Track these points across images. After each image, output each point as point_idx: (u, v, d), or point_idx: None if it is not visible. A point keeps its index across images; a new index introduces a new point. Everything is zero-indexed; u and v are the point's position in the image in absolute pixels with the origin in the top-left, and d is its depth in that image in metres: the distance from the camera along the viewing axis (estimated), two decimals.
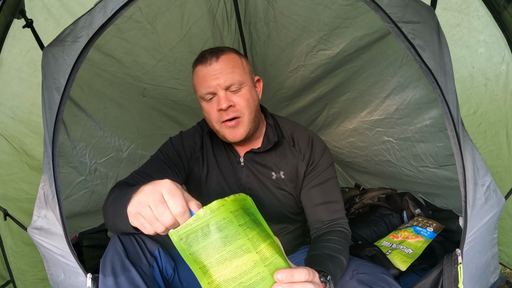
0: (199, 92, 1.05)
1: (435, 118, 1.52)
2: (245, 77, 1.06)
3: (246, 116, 1.05)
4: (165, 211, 0.60)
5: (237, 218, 0.59)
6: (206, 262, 0.56)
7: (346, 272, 0.90)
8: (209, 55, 1.03)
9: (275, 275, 0.58)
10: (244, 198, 0.66)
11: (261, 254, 0.58)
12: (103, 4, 0.89)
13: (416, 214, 1.73)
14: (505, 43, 1.31)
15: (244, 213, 0.61)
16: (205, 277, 0.56)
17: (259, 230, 0.61)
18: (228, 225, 0.58)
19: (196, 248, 0.57)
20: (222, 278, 0.56)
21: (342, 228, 1.07)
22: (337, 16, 1.42)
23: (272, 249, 0.61)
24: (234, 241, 0.57)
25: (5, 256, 1.51)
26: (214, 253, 0.57)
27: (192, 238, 0.57)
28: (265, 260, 0.58)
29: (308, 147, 1.16)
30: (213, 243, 0.57)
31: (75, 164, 1.59)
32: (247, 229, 0.59)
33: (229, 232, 0.57)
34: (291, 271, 0.60)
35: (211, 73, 1.01)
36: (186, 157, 1.17)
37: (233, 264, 0.57)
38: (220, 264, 0.56)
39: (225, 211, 0.58)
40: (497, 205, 1.10)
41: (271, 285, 0.58)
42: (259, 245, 0.59)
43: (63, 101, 0.96)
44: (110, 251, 0.89)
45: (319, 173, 1.15)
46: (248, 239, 0.58)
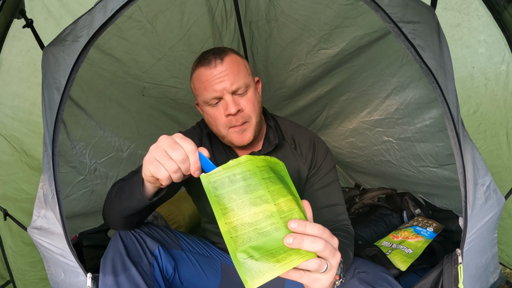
0: (203, 96, 1.00)
1: (435, 118, 1.53)
2: (249, 78, 1.02)
3: (253, 120, 1.02)
4: (179, 149, 0.67)
5: (261, 172, 0.65)
6: (228, 205, 0.62)
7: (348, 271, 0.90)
8: (213, 56, 0.98)
9: (289, 223, 0.61)
10: (276, 162, 0.71)
11: (279, 206, 0.63)
12: (103, 4, 0.89)
13: (416, 214, 1.74)
14: (505, 43, 1.31)
15: (270, 170, 0.67)
16: (223, 217, 0.61)
17: (281, 186, 0.65)
18: (252, 176, 0.63)
19: (221, 192, 0.63)
20: (240, 221, 0.61)
21: (347, 228, 1.06)
22: (337, 15, 1.42)
23: (291, 205, 0.64)
24: (255, 191, 0.62)
25: (5, 256, 1.51)
26: (236, 198, 0.62)
27: (219, 183, 0.63)
28: (281, 213, 0.62)
29: (310, 150, 1.14)
30: (237, 189, 0.62)
31: (74, 164, 1.60)
32: (269, 183, 0.64)
33: (251, 182, 0.63)
34: (305, 222, 0.60)
35: (217, 76, 0.96)
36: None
37: (251, 211, 0.61)
38: (239, 209, 0.61)
39: (252, 164, 0.64)
40: (497, 205, 1.10)
41: (284, 235, 0.60)
42: (278, 198, 0.63)
43: (63, 100, 0.96)
44: (111, 250, 0.89)
45: (321, 176, 1.13)
46: (269, 191, 0.63)
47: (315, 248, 0.59)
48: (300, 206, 0.67)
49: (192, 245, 1.08)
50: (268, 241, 0.60)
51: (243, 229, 0.60)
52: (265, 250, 0.59)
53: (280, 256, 0.58)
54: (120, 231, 0.93)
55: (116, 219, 0.92)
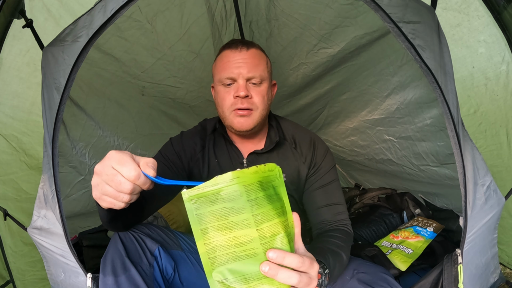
0: (219, 75, 1.06)
1: (435, 117, 1.53)
2: (267, 75, 1.08)
3: (258, 111, 1.06)
4: (121, 180, 0.63)
5: (248, 193, 0.60)
6: (208, 225, 0.59)
7: (347, 271, 0.90)
8: (240, 43, 1.06)
9: (267, 252, 0.59)
10: (270, 169, 0.66)
11: (261, 232, 0.60)
12: (103, 4, 0.89)
13: (416, 214, 1.74)
14: (505, 43, 1.31)
15: (259, 188, 0.62)
16: (202, 238, 0.59)
17: (268, 209, 0.62)
18: (237, 198, 0.60)
19: (203, 211, 0.59)
20: (218, 243, 0.59)
21: (345, 228, 1.07)
22: (337, 15, 1.42)
23: (275, 229, 0.61)
24: (238, 214, 0.59)
25: (5, 256, 1.51)
26: (217, 220, 0.59)
27: (201, 201, 0.59)
28: (263, 239, 0.60)
29: (310, 150, 1.15)
30: (219, 210, 0.59)
31: (74, 164, 1.60)
32: (255, 206, 0.60)
33: (235, 205, 0.59)
34: (284, 253, 0.60)
35: (237, 60, 1.03)
36: (186, 158, 1.16)
37: (231, 234, 0.59)
38: (220, 230, 0.59)
39: (239, 183, 0.60)
40: (497, 205, 1.10)
41: (262, 262, 0.59)
42: (262, 223, 0.60)
43: (63, 101, 0.96)
44: (111, 251, 0.88)
45: (321, 175, 1.14)
46: (253, 215, 0.60)
47: (288, 282, 0.59)
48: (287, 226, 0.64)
49: (192, 245, 1.08)
50: (244, 265, 0.59)
51: (221, 251, 0.59)
52: (240, 274, 0.59)
53: (253, 283, 0.59)
54: (120, 232, 0.93)
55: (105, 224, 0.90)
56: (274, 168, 0.67)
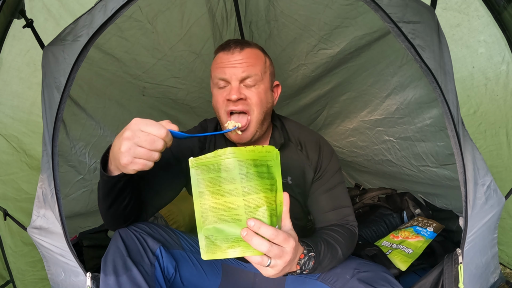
0: (213, 76, 1.05)
1: (435, 118, 1.53)
2: (264, 75, 1.03)
3: (255, 115, 1.01)
4: (155, 139, 0.72)
5: (240, 167, 0.70)
6: (205, 189, 0.71)
7: (347, 271, 0.90)
8: (234, 44, 1.02)
9: (248, 220, 0.68)
10: (268, 150, 0.75)
11: (246, 202, 0.69)
12: (103, 4, 0.89)
13: (416, 214, 1.74)
14: (505, 43, 1.31)
15: (252, 165, 0.71)
16: (199, 198, 0.71)
17: (256, 183, 0.70)
18: (231, 169, 0.70)
19: (202, 176, 0.71)
20: (211, 205, 0.70)
21: (351, 227, 1.05)
22: (337, 15, 1.42)
23: (259, 202, 0.70)
24: (230, 183, 0.70)
25: (5, 256, 1.50)
26: (213, 186, 0.70)
27: (203, 168, 0.71)
28: (247, 208, 0.69)
29: (316, 153, 1.12)
30: (215, 178, 0.70)
31: (73, 163, 1.59)
32: (244, 179, 0.70)
33: (228, 175, 0.70)
34: (261, 224, 0.67)
35: (230, 62, 0.99)
36: (185, 159, 1.14)
37: (222, 199, 0.70)
38: (213, 194, 0.70)
39: (234, 158, 0.70)
40: (497, 205, 1.10)
41: (243, 228, 0.69)
42: (248, 195, 0.70)
43: (63, 100, 0.96)
44: (112, 250, 0.88)
45: (327, 179, 1.11)
46: (241, 186, 0.70)
47: (259, 248, 0.67)
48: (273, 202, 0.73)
49: (193, 245, 1.08)
50: (228, 227, 0.70)
51: (212, 212, 0.70)
52: (223, 234, 0.70)
53: (233, 243, 0.70)
54: (121, 231, 0.93)
55: (105, 214, 0.92)
56: (271, 150, 0.76)
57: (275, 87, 1.13)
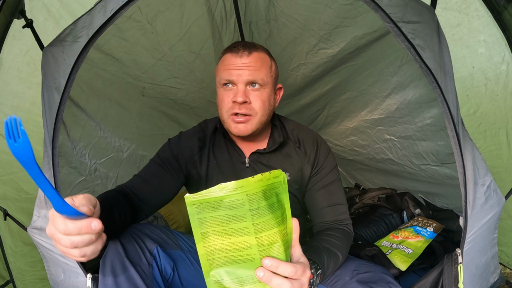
0: (219, 77, 1.04)
1: (436, 117, 1.53)
2: (269, 80, 1.05)
3: (257, 117, 1.04)
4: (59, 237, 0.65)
5: (250, 202, 0.61)
6: (209, 230, 0.61)
7: (347, 272, 0.90)
8: (242, 47, 1.02)
9: (263, 260, 0.62)
10: (276, 175, 0.65)
11: (259, 240, 0.62)
12: (103, 4, 0.89)
13: (416, 214, 1.74)
14: (505, 43, 1.31)
15: (262, 197, 0.62)
16: (202, 241, 0.61)
17: (269, 218, 0.62)
18: (239, 206, 0.60)
19: (204, 215, 0.61)
20: (217, 246, 0.61)
21: (346, 227, 1.07)
22: (337, 15, 1.42)
23: (274, 238, 0.63)
24: (239, 222, 0.61)
25: (5, 256, 1.51)
26: (218, 225, 0.61)
27: (203, 206, 0.61)
28: (260, 246, 0.62)
29: (314, 149, 1.15)
30: (220, 217, 0.61)
31: (75, 164, 1.59)
32: (256, 215, 0.61)
33: (237, 213, 0.61)
34: (278, 262, 0.62)
35: (238, 65, 1.01)
36: (184, 160, 1.15)
37: (231, 239, 0.61)
38: (219, 235, 0.61)
39: (242, 193, 0.60)
40: (497, 205, 1.10)
41: (257, 267, 0.62)
42: (262, 232, 0.62)
43: (63, 101, 0.96)
44: (110, 251, 0.88)
45: (324, 175, 1.14)
46: (253, 224, 0.61)
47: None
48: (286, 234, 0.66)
49: (191, 245, 1.08)
50: (241, 268, 0.62)
51: (220, 254, 0.62)
52: (235, 276, 0.62)
53: (247, 285, 0.62)
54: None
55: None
56: (279, 175, 0.66)
57: (278, 90, 1.15)
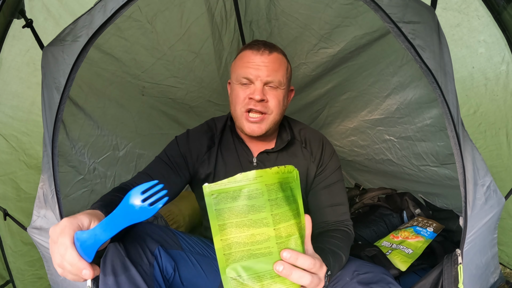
0: (237, 73, 1.05)
1: (435, 118, 1.53)
2: (285, 81, 1.07)
3: (272, 116, 1.06)
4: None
5: (269, 192, 0.61)
6: (226, 221, 0.60)
7: (347, 273, 0.90)
8: (263, 46, 1.04)
9: (282, 252, 0.61)
10: (289, 170, 0.67)
11: (278, 231, 0.61)
12: (103, 4, 0.89)
13: (416, 214, 1.74)
14: (505, 43, 1.31)
15: (279, 189, 0.63)
16: (220, 233, 0.60)
17: (286, 209, 0.63)
18: (258, 196, 0.61)
19: (222, 206, 0.60)
20: (235, 239, 0.60)
21: (347, 228, 1.08)
22: (337, 15, 1.42)
23: (291, 230, 0.63)
24: (258, 213, 0.60)
25: (5, 256, 1.50)
26: (236, 216, 0.60)
27: (222, 196, 0.60)
28: (279, 238, 0.61)
29: (320, 149, 1.17)
30: (239, 207, 0.60)
31: (74, 163, 1.59)
32: (275, 206, 0.61)
33: (256, 203, 0.60)
34: (297, 254, 0.62)
35: (258, 63, 1.02)
36: (192, 158, 1.15)
37: (249, 231, 0.60)
38: (238, 227, 0.60)
39: (261, 182, 0.61)
40: (497, 205, 1.10)
41: (275, 260, 0.61)
42: (279, 223, 0.62)
43: (63, 100, 0.96)
44: (111, 251, 0.88)
45: (328, 175, 1.15)
46: (271, 215, 0.61)
47: (302, 282, 0.61)
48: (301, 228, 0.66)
49: (192, 245, 1.08)
50: (258, 263, 0.61)
51: (237, 248, 0.61)
52: (253, 272, 0.60)
53: (266, 281, 0.60)
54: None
55: None
56: (292, 170, 0.68)
57: (290, 92, 1.16)
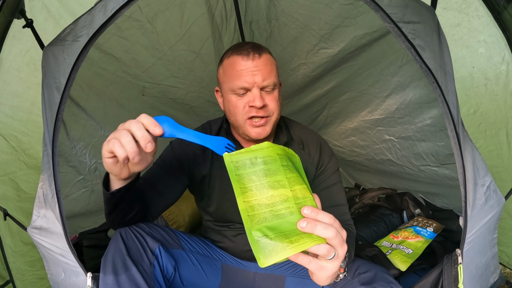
0: (231, 84, 1.01)
1: (435, 118, 1.53)
2: (277, 79, 1.06)
3: (274, 117, 1.05)
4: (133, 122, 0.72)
5: (281, 159, 0.69)
6: (247, 185, 0.65)
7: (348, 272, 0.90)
8: (252, 50, 1.00)
9: (302, 209, 0.63)
10: (293, 154, 0.76)
11: (294, 192, 0.66)
12: (103, 4, 0.89)
13: (416, 214, 1.74)
14: (505, 43, 1.31)
15: (288, 159, 0.71)
16: (242, 195, 0.64)
17: (297, 175, 0.69)
18: (272, 161, 0.68)
19: (242, 172, 0.66)
20: (257, 201, 0.64)
21: (349, 227, 1.08)
22: (338, 15, 1.42)
23: (305, 193, 0.67)
24: (274, 175, 0.66)
25: (5, 257, 1.50)
26: (255, 180, 0.66)
27: (241, 163, 0.67)
28: (296, 199, 0.65)
29: (317, 151, 1.16)
30: (257, 171, 0.66)
31: (74, 163, 1.59)
32: (287, 170, 0.68)
33: (271, 167, 0.67)
34: (317, 210, 0.64)
35: (251, 69, 0.98)
36: (188, 161, 1.14)
37: (268, 193, 0.65)
38: (258, 190, 0.65)
39: (273, 151, 0.69)
40: (497, 205, 1.10)
41: (297, 220, 0.63)
42: (294, 185, 0.67)
43: (63, 100, 0.96)
44: (112, 250, 0.88)
45: (327, 177, 1.15)
46: (286, 178, 0.67)
47: (326, 234, 0.61)
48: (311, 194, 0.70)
49: (192, 245, 1.08)
50: (282, 223, 0.62)
51: (260, 209, 0.63)
52: (279, 231, 0.61)
53: (293, 238, 0.60)
54: (121, 231, 0.93)
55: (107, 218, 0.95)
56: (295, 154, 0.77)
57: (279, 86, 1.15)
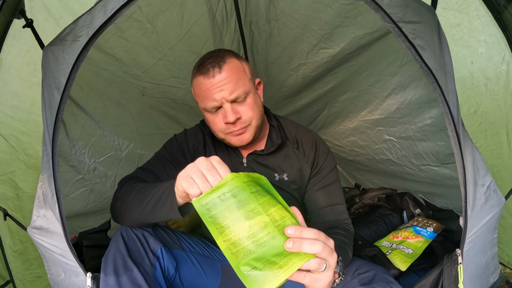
0: (203, 104, 1.01)
1: (435, 117, 1.53)
2: (249, 84, 1.01)
3: (253, 124, 1.03)
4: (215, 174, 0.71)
5: (249, 187, 0.68)
6: (223, 223, 0.65)
7: (348, 272, 0.90)
8: (211, 65, 0.96)
9: (285, 229, 0.64)
10: (258, 177, 0.75)
11: (271, 216, 0.66)
12: (103, 3, 0.89)
13: (416, 214, 1.74)
14: (505, 43, 1.31)
15: (256, 184, 0.71)
16: (220, 236, 0.64)
17: (269, 197, 0.69)
18: (241, 191, 0.67)
19: (215, 212, 0.65)
20: (237, 236, 0.64)
21: (347, 226, 1.08)
22: (338, 15, 1.42)
23: (282, 212, 0.68)
24: (247, 205, 0.66)
25: (5, 256, 1.50)
26: (230, 215, 0.65)
27: (211, 204, 0.66)
28: (275, 222, 0.65)
29: (313, 150, 1.15)
30: (229, 206, 0.66)
31: (73, 163, 1.59)
32: (258, 195, 0.68)
33: (241, 197, 0.66)
34: (301, 228, 0.64)
35: (215, 86, 0.96)
36: (190, 155, 1.16)
37: (246, 224, 0.64)
38: (234, 224, 0.64)
39: (238, 181, 0.68)
40: (497, 205, 1.10)
41: (282, 242, 0.63)
42: (269, 209, 0.67)
43: (63, 100, 0.96)
44: (112, 250, 0.88)
45: (323, 176, 1.14)
46: (259, 204, 0.66)
47: (314, 250, 0.62)
48: (291, 213, 0.70)
49: (192, 246, 1.08)
50: (267, 250, 0.63)
51: (242, 243, 0.63)
52: (266, 260, 0.62)
53: (281, 262, 0.61)
54: (122, 231, 0.93)
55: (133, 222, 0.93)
56: (261, 177, 0.76)
57: (258, 85, 1.12)
